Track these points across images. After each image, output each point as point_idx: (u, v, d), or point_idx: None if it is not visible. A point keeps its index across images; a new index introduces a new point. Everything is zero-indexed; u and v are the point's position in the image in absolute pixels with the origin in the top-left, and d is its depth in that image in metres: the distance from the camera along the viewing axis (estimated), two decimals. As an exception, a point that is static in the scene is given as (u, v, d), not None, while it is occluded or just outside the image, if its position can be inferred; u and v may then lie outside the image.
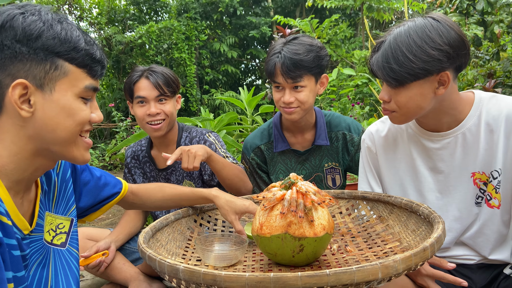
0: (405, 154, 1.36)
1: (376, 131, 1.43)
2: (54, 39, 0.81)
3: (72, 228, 1.07)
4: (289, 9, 10.90)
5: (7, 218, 0.81)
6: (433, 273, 1.16)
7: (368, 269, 0.74)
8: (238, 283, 0.74)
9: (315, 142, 1.70)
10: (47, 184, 1.03)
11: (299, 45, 1.53)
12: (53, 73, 0.83)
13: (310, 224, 0.99)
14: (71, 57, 0.83)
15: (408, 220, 1.16)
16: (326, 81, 1.63)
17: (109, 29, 8.77)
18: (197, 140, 1.83)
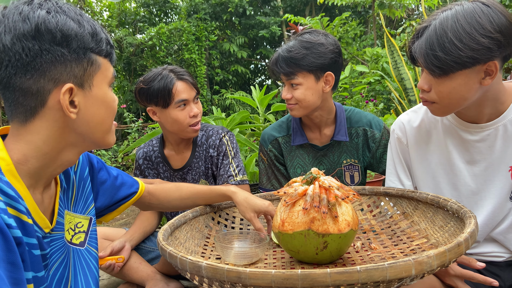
0: (439, 146, 1.29)
1: (408, 122, 1.36)
2: (86, 36, 0.80)
3: (90, 227, 1.05)
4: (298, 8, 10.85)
5: (28, 216, 0.79)
6: (462, 273, 1.12)
7: (401, 266, 0.70)
8: (264, 281, 0.71)
9: (334, 137, 1.66)
10: (66, 182, 1.01)
11: (297, 41, 1.52)
12: (90, 69, 0.82)
13: (334, 220, 0.95)
14: (100, 49, 0.83)
15: (435, 216, 1.11)
16: (331, 79, 1.55)
17: (120, 31, 8.82)
18: (213, 140, 1.81)
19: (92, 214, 1.08)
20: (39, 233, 0.85)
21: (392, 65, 2.57)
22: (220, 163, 1.80)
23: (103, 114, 0.85)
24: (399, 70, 2.54)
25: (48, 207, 0.92)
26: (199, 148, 1.83)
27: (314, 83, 1.53)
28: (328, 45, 1.51)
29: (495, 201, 1.20)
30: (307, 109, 1.56)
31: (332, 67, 1.53)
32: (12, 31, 0.74)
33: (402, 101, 2.58)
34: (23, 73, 0.75)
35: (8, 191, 0.76)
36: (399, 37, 5.84)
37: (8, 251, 0.70)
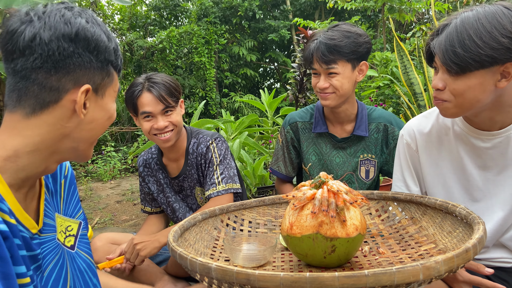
0: (450, 153, 1.29)
1: (418, 127, 1.35)
2: (111, 51, 0.86)
3: (80, 231, 1.06)
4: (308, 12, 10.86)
5: (11, 216, 0.79)
6: (470, 279, 1.12)
7: (408, 270, 0.70)
8: (272, 283, 0.72)
9: (354, 132, 1.70)
10: (54, 186, 1.03)
11: (336, 31, 1.57)
12: (106, 80, 0.87)
13: (342, 224, 0.96)
14: (117, 64, 0.89)
15: (444, 221, 1.11)
16: (365, 68, 1.62)
17: (131, 34, 8.91)
18: (201, 147, 1.80)
19: (81, 219, 1.09)
20: (25, 233, 0.85)
21: (402, 70, 2.57)
22: (206, 171, 1.78)
23: (103, 122, 0.89)
24: (408, 74, 2.54)
25: (32, 207, 0.92)
26: (191, 156, 1.83)
27: (351, 72, 1.58)
28: (364, 36, 1.58)
29: (506, 207, 1.20)
30: (342, 98, 1.61)
31: (365, 57, 1.61)
32: (52, 29, 0.79)
33: (411, 106, 2.58)
34: (49, 69, 0.79)
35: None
36: (409, 41, 5.82)
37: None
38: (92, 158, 5.86)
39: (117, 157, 5.50)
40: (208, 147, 1.79)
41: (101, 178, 5.13)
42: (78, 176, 5.26)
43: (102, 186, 4.81)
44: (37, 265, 0.87)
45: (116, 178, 5.23)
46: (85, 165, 5.84)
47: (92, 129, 0.88)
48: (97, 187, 4.73)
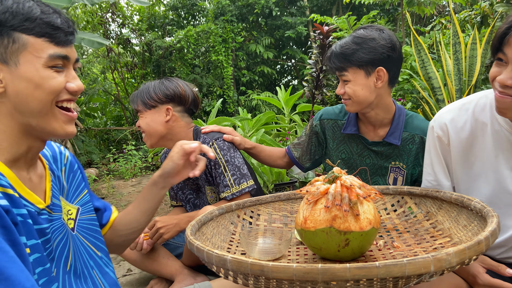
0: (484, 151, 1.22)
1: (451, 121, 1.27)
2: (5, 14, 0.83)
3: (78, 216, 1.10)
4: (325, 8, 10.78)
5: (13, 190, 0.84)
6: (490, 282, 1.11)
7: (419, 262, 0.72)
8: (285, 274, 0.75)
9: (386, 138, 1.63)
10: (57, 172, 1.08)
11: (350, 37, 1.56)
12: (12, 47, 0.84)
13: (355, 218, 0.97)
14: (26, 28, 0.84)
15: (459, 215, 1.11)
16: (383, 74, 1.53)
17: (150, 34, 9.04)
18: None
19: (80, 204, 1.13)
20: (30, 207, 0.89)
21: (419, 64, 2.54)
22: (214, 172, 1.79)
23: (31, 92, 0.85)
24: (426, 68, 2.51)
25: (38, 186, 0.97)
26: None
27: (364, 78, 1.53)
28: (380, 40, 1.50)
29: None
30: (360, 105, 1.57)
31: (384, 62, 1.52)
32: None
33: (430, 100, 2.55)
34: None
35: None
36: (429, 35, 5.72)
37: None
38: (114, 157, 6.00)
39: (138, 156, 5.61)
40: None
41: (122, 176, 5.24)
42: (100, 174, 5.39)
43: (124, 184, 4.92)
44: (46, 239, 0.92)
45: (137, 176, 5.34)
46: (107, 163, 5.98)
47: (26, 102, 0.86)
48: (119, 185, 4.84)
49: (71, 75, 0.90)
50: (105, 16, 8.85)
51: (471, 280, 1.20)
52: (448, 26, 5.13)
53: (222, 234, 1.21)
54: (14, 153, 0.89)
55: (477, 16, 4.46)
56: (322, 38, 3.25)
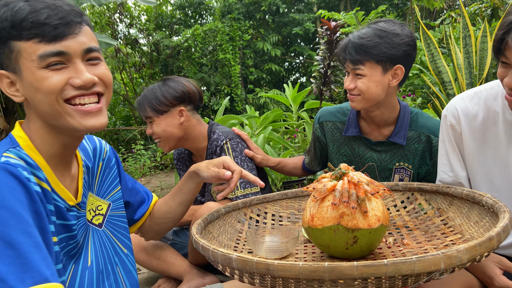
0: (497, 141, 1.20)
1: (463, 110, 1.25)
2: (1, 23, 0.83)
3: (108, 212, 1.12)
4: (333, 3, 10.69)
5: (47, 184, 0.87)
6: (508, 284, 1.09)
7: (429, 259, 0.70)
8: (291, 272, 0.73)
9: (390, 138, 1.56)
10: (92, 166, 1.09)
11: (370, 29, 1.44)
12: (12, 56, 0.85)
13: (363, 215, 0.95)
14: (15, 35, 0.83)
15: (470, 211, 1.09)
16: (401, 73, 1.45)
17: (157, 34, 9.06)
18: (215, 145, 1.79)
19: (111, 200, 1.14)
20: (60, 203, 0.92)
21: (429, 58, 2.49)
22: None
23: (35, 97, 0.86)
24: (436, 63, 2.46)
25: (70, 184, 0.99)
26: (208, 152, 1.84)
27: (381, 75, 1.44)
28: (403, 36, 1.42)
29: None
30: (369, 102, 1.48)
31: (403, 60, 1.44)
32: None
33: (440, 95, 2.51)
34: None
35: (29, 160, 0.86)
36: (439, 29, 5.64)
37: (31, 200, 0.79)
38: (123, 157, 6.03)
39: (147, 155, 5.63)
40: (222, 147, 1.75)
41: (132, 176, 5.28)
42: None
43: (133, 183, 4.95)
44: (71, 235, 0.94)
45: (146, 175, 5.37)
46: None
47: (36, 106, 0.88)
48: (128, 185, 4.87)
49: (77, 70, 0.87)
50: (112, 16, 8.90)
51: (487, 281, 1.17)
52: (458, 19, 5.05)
53: (229, 233, 1.20)
54: (48, 150, 0.92)
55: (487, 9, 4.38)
56: (329, 34, 3.21)
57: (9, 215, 0.73)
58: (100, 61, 0.93)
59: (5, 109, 5.02)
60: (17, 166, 0.80)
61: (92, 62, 0.91)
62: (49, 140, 0.92)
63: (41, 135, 0.91)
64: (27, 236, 0.73)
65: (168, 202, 1.28)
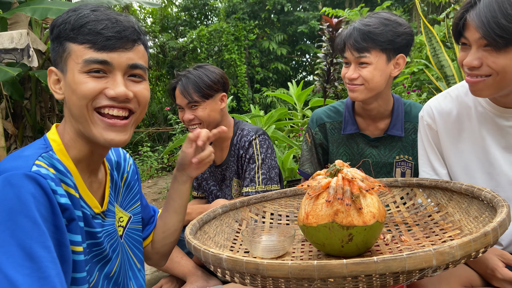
0: (472, 134, 1.22)
1: (437, 107, 1.28)
2: (61, 25, 0.89)
3: (128, 225, 1.13)
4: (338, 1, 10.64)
5: (75, 191, 0.89)
6: (510, 277, 1.06)
7: (420, 256, 0.68)
8: (281, 272, 0.72)
9: (388, 131, 1.57)
10: (117, 177, 1.11)
11: (374, 18, 1.45)
12: (63, 55, 0.89)
13: (358, 212, 0.94)
14: (72, 37, 0.88)
15: (470, 206, 1.06)
16: (402, 62, 1.47)
17: (163, 36, 9.11)
18: (244, 141, 1.81)
19: (132, 213, 1.15)
20: (87, 210, 0.93)
21: (431, 53, 2.46)
22: (246, 165, 1.79)
23: (70, 97, 0.90)
24: (438, 57, 2.43)
25: (97, 191, 1.01)
26: (235, 147, 1.86)
27: (385, 64, 1.44)
28: (405, 26, 1.44)
29: None
30: (371, 92, 1.47)
31: (404, 50, 1.46)
32: None
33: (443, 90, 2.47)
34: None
35: (59, 167, 0.87)
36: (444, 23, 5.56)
37: (53, 214, 0.79)
38: (130, 159, 6.06)
39: (154, 157, 5.66)
40: (251, 143, 1.79)
41: (139, 178, 5.30)
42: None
43: (140, 185, 4.98)
44: (96, 242, 0.95)
45: (153, 177, 5.39)
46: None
47: (70, 108, 0.91)
48: (136, 186, 4.89)
49: (115, 81, 0.89)
50: (118, 20, 8.94)
51: (489, 274, 1.15)
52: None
53: (226, 233, 1.20)
54: (77, 154, 0.94)
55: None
56: (331, 31, 3.19)
57: (33, 227, 0.74)
58: (143, 80, 0.96)
59: (14, 114, 5.09)
60: (46, 178, 0.80)
61: (134, 79, 0.93)
62: (78, 144, 0.94)
63: (73, 138, 0.94)
64: (47, 251, 0.75)
65: (162, 215, 1.24)
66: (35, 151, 0.87)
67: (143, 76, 0.95)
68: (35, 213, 0.75)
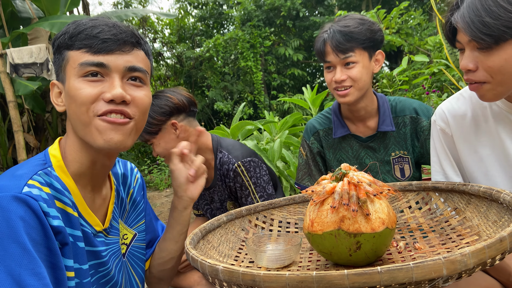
0: (490, 137, 1.15)
1: (450, 110, 1.22)
2: (60, 37, 0.87)
3: (132, 243, 1.09)
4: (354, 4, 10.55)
5: (73, 209, 0.86)
6: None
7: (429, 265, 0.62)
8: (278, 283, 0.68)
9: (379, 128, 1.56)
10: (123, 192, 1.07)
11: (349, 19, 1.48)
12: (63, 64, 0.88)
13: (366, 218, 0.88)
14: (70, 45, 0.86)
15: (489, 210, 0.99)
16: (381, 57, 1.52)
17: (180, 46, 9.22)
18: (226, 169, 1.73)
19: (137, 231, 1.12)
20: (87, 228, 0.90)
21: (448, 51, 2.37)
22: (240, 193, 1.74)
23: (70, 106, 0.87)
24: (456, 55, 2.34)
25: (100, 208, 0.97)
26: (218, 171, 1.78)
27: (368, 61, 1.49)
28: (376, 24, 1.50)
29: None
30: (361, 92, 1.49)
31: (380, 46, 1.52)
32: None
33: (462, 88, 2.38)
34: None
35: (56, 185, 0.84)
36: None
37: (45, 236, 0.76)
38: (149, 169, 6.12)
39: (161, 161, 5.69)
40: (235, 171, 1.70)
41: (157, 187, 5.33)
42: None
43: (158, 194, 5.00)
44: (100, 262, 0.92)
45: (171, 186, 5.41)
46: (144, 176, 6.11)
47: (70, 116, 0.89)
48: (154, 196, 4.92)
49: (111, 84, 0.86)
50: (136, 32, 9.12)
51: (506, 281, 1.07)
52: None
53: (231, 242, 1.15)
54: (78, 168, 0.91)
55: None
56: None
57: (22, 253, 0.71)
58: (143, 85, 0.92)
59: (35, 127, 5.22)
60: (38, 199, 0.77)
61: (134, 83, 0.90)
62: (79, 157, 0.91)
63: (74, 151, 0.91)
64: (37, 278, 0.72)
65: (160, 242, 1.18)
66: (31, 169, 0.84)
67: (143, 80, 0.92)
68: (25, 238, 0.72)
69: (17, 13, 4.99)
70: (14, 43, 4.69)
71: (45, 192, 0.80)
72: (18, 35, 4.65)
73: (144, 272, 1.13)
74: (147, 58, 0.94)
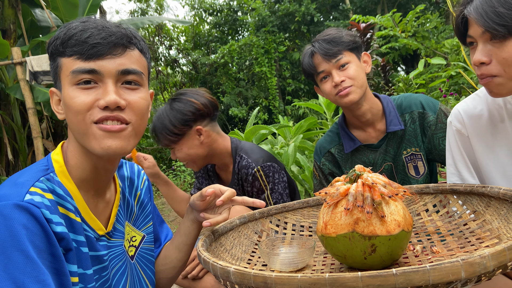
0: (507, 136, 1.13)
1: (466, 110, 1.20)
2: (53, 42, 0.86)
3: (141, 244, 1.09)
4: (369, 8, 10.49)
5: (76, 215, 0.86)
6: None
7: (446, 268, 0.60)
8: (290, 285, 0.66)
9: (388, 129, 1.56)
10: (130, 196, 1.07)
11: (328, 31, 1.60)
12: (57, 71, 0.87)
13: (381, 220, 0.86)
14: (62, 51, 0.85)
15: (509, 212, 0.96)
16: (368, 58, 1.59)
17: (195, 53, 9.31)
18: (244, 173, 1.70)
19: (146, 232, 1.12)
20: (90, 233, 0.89)
21: (466, 53, 2.33)
22: (256, 197, 1.72)
23: (68, 114, 0.87)
24: (474, 56, 2.29)
25: (103, 212, 0.97)
26: (237, 176, 1.77)
27: (358, 61, 1.54)
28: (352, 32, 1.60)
29: None
30: (362, 89, 1.52)
31: (363, 49, 1.59)
32: None
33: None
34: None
35: (58, 191, 0.84)
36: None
37: (48, 243, 0.76)
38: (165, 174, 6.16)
39: (187, 172, 5.71)
40: (254, 175, 1.68)
41: (173, 192, 5.37)
42: (154, 191, 5.56)
43: (174, 199, 5.02)
44: (103, 266, 0.91)
45: (186, 191, 5.43)
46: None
47: (69, 125, 0.88)
48: (170, 201, 4.94)
49: (105, 90, 0.84)
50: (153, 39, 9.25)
51: None
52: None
53: (244, 245, 1.14)
54: (81, 173, 0.91)
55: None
56: (359, 36, 3.11)
57: (26, 261, 0.72)
58: (139, 87, 0.90)
59: (54, 133, 5.32)
60: (40, 207, 0.77)
61: (129, 86, 0.88)
62: (81, 163, 0.90)
63: (75, 156, 0.91)
64: (41, 285, 0.72)
65: (166, 247, 1.18)
66: (33, 175, 0.84)
67: (139, 82, 0.89)
68: (28, 245, 0.72)
69: (36, 22, 5.13)
70: (33, 51, 4.80)
71: (47, 199, 0.80)
72: (38, 43, 4.76)
73: (154, 274, 1.13)
74: (142, 57, 0.92)
